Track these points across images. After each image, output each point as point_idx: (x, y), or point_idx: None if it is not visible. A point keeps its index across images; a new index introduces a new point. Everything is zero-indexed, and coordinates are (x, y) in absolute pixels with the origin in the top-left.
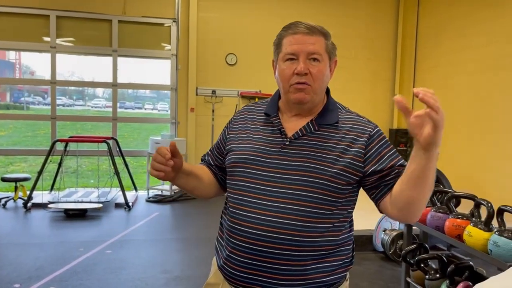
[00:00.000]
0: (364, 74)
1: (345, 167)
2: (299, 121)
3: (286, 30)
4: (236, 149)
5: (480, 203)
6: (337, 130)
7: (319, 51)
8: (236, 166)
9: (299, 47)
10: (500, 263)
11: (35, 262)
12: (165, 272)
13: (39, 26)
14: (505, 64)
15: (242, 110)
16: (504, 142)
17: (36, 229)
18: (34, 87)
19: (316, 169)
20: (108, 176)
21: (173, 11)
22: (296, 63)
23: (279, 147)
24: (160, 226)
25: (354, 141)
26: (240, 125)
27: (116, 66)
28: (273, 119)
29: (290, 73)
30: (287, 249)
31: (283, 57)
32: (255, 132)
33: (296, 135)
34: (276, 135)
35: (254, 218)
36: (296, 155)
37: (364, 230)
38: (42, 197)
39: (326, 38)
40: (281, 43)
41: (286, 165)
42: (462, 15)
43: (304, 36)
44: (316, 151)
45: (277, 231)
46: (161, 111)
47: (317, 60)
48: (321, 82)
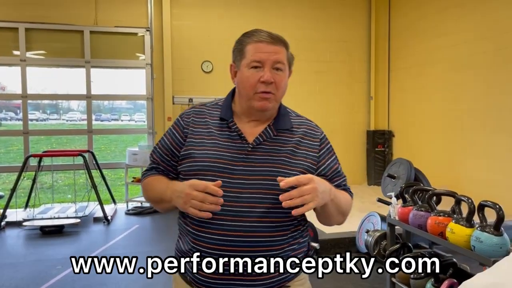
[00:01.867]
0: (340, 76)
1: (305, 170)
2: (256, 126)
3: (250, 37)
4: (197, 155)
5: (461, 200)
6: (292, 134)
7: (283, 60)
8: (198, 174)
9: (266, 55)
10: (484, 259)
11: (10, 283)
12: (147, 285)
13: (7, 39)
14: (475, 63)
15: (192, 112)
16: (476, 138)
17: (10, 248)
18: (6, 102)
19: (279, 172)
20: (86, 190)
21: (146, 20)
22: (261, 71)
23: (244, 153)
24: (141, 239)
25: (310, 145)
26: (192, 129)
27: (89, 77)
28: (231, 124)
29: (255, 81)
30: (259, 251)
31: (248, 64)
32: (209, 137)
33: (257, 140)
34: (236, 140)
35: (224, 225)
36: (260, 160)
37: (347, 232)
38: (16, 215)
39: (287, 48)
40: (244, 50)
41: (251, 171)
42: (433, 15)
43: (268, 45)
44: (277, 155)
45: (249, 235)
46: (138, 122)
47: (280, 69)
48: (282, 91)
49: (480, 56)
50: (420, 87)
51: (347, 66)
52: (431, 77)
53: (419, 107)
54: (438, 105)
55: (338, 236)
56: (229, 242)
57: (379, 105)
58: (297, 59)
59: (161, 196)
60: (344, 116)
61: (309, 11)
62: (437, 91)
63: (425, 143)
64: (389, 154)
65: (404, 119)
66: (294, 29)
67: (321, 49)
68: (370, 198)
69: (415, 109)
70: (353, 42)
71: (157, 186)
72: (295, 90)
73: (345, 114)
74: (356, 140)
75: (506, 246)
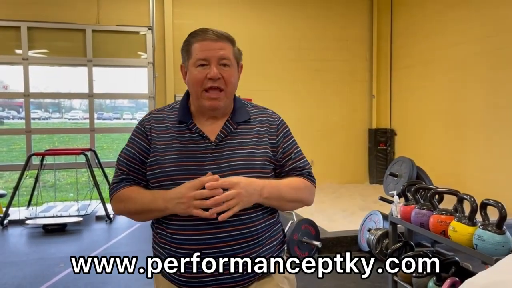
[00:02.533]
0: (341, 75)
1: (269, 158)
2: (215, 123)
3: (195, 36)
4: (162, 161)
5: (463, 198)
6: (251, 125)
7: (228, 56)
8: (166, 180)
9: (210, 52)
10: (486, 257)
11: (13, 281)
12: (149, 284)
13: (10, 38)
14: (478, 62)
15: (152, 118)
16: (479, 137)
17: (13, 246)
18: (9, 101)
19: (246, 165)
20: (88, 189)
21: (148, 19)
22: (208, 68)
23: (208, 152)
24: (143, 237)
25: (269, 132)
26: (154, 135)
27: (91, 76)
28: (191, 125)
29: (202, 78)
30: (235, 244)
31: (194, 62)
32: (171, 141)
33: (219, 137)
34: (199, 141)
35: (198, 225)
36: (225, 156)
37: (348, 230)
38: (19, 213)
39: (233, 44)
40: (190, 50)
41: (218, 168)
42: (434, 15)
43: (212, 42)
44: (241, 149)
45: (223, 231)
46: None
47: (227, 65)
48: (233, 86)
49: (483, 55)
50: (422, 86)
51: (349, 65)
52: (434, 76)
53: (421, 106)
54: (440, 104)
55: (340, 234)
56: (206, 240)
57: (381, 103)
58: (298, 58)
59: (148, 207)
60: (346, 115)
61: (311, 10)
62: (439, 90)
63: (427, 141)
64: (391, 153)
65: (406, 117)
66: (296, 28)
67: (322, 48)
68: (372, 197)
69: (417, 108)
70: (355, 40)
71: (138, 198)
72: (296, 89)
73: (347, 112)
74: (358, 139)
75: (509, 244)
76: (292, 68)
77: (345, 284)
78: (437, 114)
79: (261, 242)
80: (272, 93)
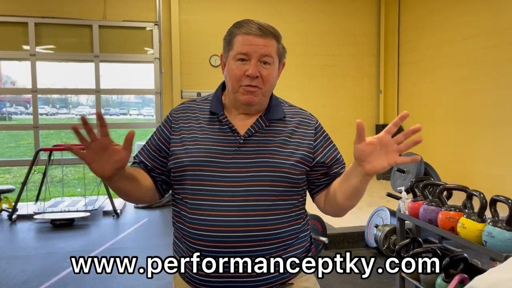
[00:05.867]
0: (349, 70)
1: (301, 159)
2: (248, 119)
3: (239, 28)
4: (180, 152)
5: (473, 194)
6: (285, 124)
7: (271, 53)
8: (188, 169)
9: (252, 48)
10: (496, 254)
11: (22, 275)
12: (156, 279)
13: (17, 34)
14: (486, 57)
15: (181, 108)
16: (487, 133)
17: (22, 241)
18: (16, 97)
19: (274, 163)
20: (95, 184)
21: (154, 14)
22: (247, 64)
23: (235, 146)
24: (150, 233)
25: (305, 134)
26: (182, 124)
27: (98, 71)
28: (221, 117)
29: (240, 74)
30: (255, 245)
31: (234, 56)
32: (200, 131)
33: (249, 132)
34: (228, 133)
35: (218, 221)
36: (253, 152)
37: (355, 226)
38: (27, 208)
39: (278, 41)
40: (232, 41)
41: (244, 163)
42: (443, 9)
43: (256, 37)
44: (270, 146)
45: (243, 229)
46: (147, 116)
47: (268, 63)
48: (270, 85)
49: (491, 50)
50: (430, 81)
51: (356, 60)
52: (441, 71)
53: (429, 101)
54: (448, 99)
55: (347, 230)
56: (225, 238)
57: (389, 99)
58: (305, 53)
59: None
60: (352, 110)
61: (318, 4)
62: (447, 85)
63: (435, 137)
64: None
65: (414, 113)
66: (303, 23)
67: (329, 43)
68: (379, 193)
69: (425, 103)
70: (362, 36)
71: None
72: (303, 84)
73: (354, 108)
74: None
75: None
76: (299, 63)
77: (352, 280)
78: (445, 109)
79: (283, 247)
80: (279, 88)
